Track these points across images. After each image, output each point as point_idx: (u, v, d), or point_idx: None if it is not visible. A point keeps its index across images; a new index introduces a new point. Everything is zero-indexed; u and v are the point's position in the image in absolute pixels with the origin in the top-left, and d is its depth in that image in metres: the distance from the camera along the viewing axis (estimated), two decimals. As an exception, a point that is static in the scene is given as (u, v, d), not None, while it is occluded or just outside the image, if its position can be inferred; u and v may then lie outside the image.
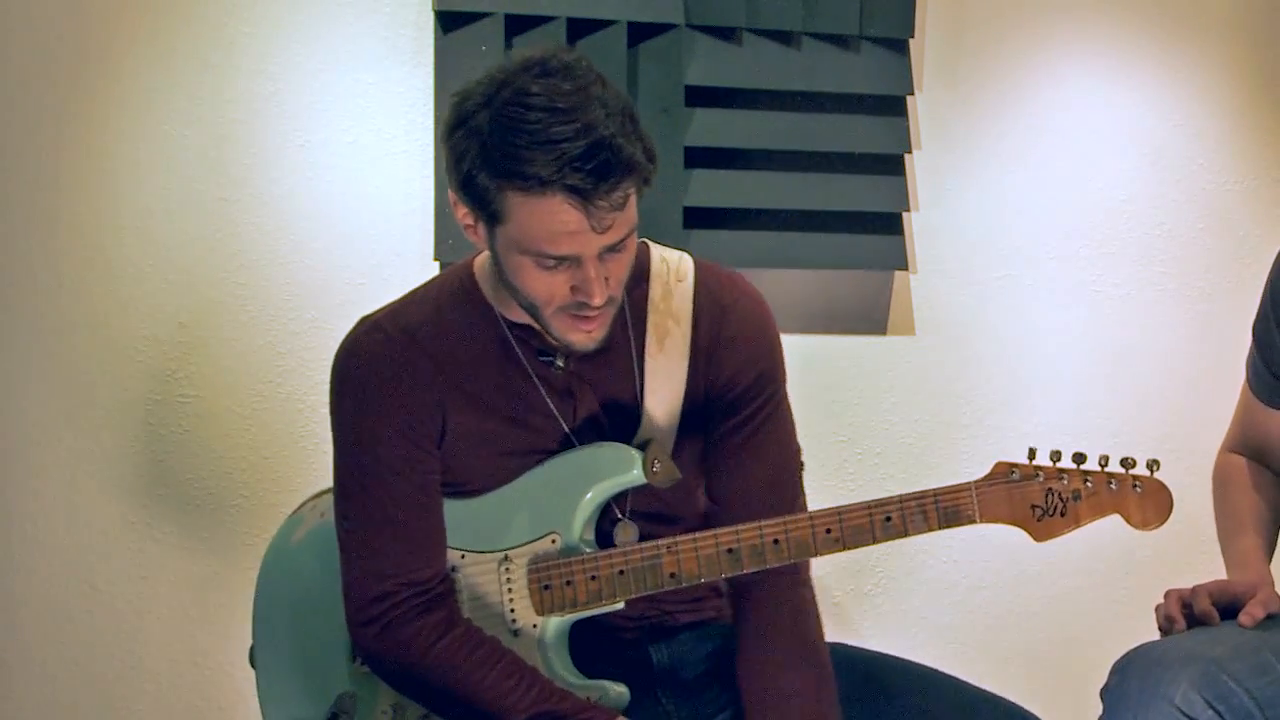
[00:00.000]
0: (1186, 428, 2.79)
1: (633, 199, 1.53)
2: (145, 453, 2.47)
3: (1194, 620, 1.68)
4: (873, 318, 2.73)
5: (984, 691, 1.72)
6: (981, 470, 1.69)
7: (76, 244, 2.43)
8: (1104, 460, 1.66)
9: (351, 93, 2.50)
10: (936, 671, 1.76)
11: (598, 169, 1.46)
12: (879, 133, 2.65)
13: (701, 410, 1.72)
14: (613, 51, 2.47)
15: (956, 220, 2.75)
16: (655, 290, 1.71)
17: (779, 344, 1.76)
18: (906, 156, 2.69)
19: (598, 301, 1.54)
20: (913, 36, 2.64)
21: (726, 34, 2.57)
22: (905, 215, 2.70)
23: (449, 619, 1.67)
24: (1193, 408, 2.81)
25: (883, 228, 2.67)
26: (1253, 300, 1.88)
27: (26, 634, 2.45)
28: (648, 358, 1.70)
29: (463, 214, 1.58)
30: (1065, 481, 1.66)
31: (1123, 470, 1.66)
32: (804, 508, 1.77)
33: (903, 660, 1.80)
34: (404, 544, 1.66)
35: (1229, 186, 2.86)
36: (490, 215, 1.53)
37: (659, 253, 1.75)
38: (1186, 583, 1.76)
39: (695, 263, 1.75)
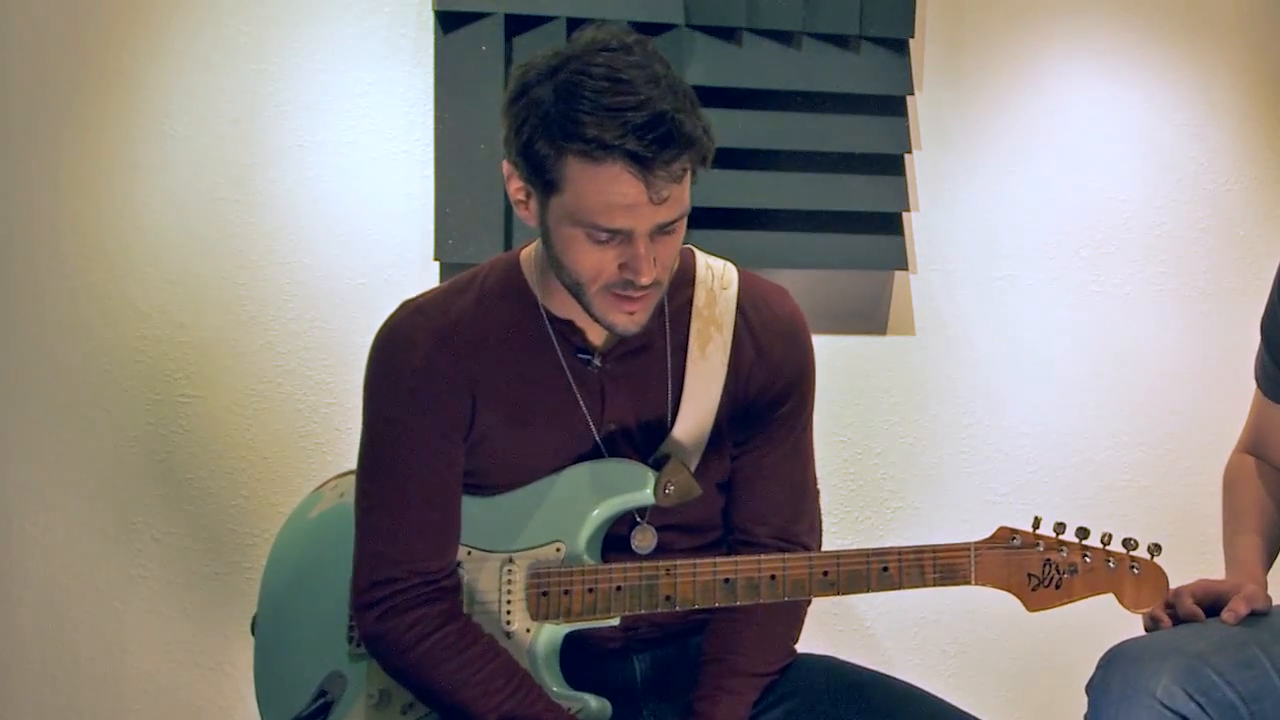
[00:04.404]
0: (1187, 428, 2.79)
1: (688, 179, 1.53)
2: (145, 453, 2.47)
3: (1180, 621, 1.69)
4: (873, 318, 2.73)
5: (961, 711, 1.70)
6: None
7: (76, 244, 2.43)
8: (1106, 538, 1.67)
9: (351, 93, 2.50)
10: (915, 688, 1.74)
11: (660, 138, 1.46)
12: (879, 133, 2.65)
13: (733, 420, 1.71)
14: (613, 51, 2.47)
15: (956, 220, 2.75)
16: (700, 295, 1.71)
17: (814, 362, 1.76)
18: (906, 157, 2.69)
19: (645, 280, 1.53)
20: (913, 36, 2.64)
21: (726, 34, 2.57)
22: (905, 215, 2.70)
23: (450, 612, 1.66)
24: (1193, 408, 2.80)
25: (883, 228, 2.67)
26: (1253, 300, 1.88)
27: (26, 634, 2.45)
28: (689, 362, 1.69)
29: (515, 188, 1.58)
30: (1064, 554, 1.66)
31: (1123, 550, 1.66)
32: (816, 531, 1.78)
33: (881, 674, 1.77)
34: (418, 532, 1.66)
35: (1229, 187, 2.86)
36: (546, 184, 1.53)
37: (704, 259, 1.75)
38: (1186, 582, 1.76)
39: (739, 272, 1.75)
